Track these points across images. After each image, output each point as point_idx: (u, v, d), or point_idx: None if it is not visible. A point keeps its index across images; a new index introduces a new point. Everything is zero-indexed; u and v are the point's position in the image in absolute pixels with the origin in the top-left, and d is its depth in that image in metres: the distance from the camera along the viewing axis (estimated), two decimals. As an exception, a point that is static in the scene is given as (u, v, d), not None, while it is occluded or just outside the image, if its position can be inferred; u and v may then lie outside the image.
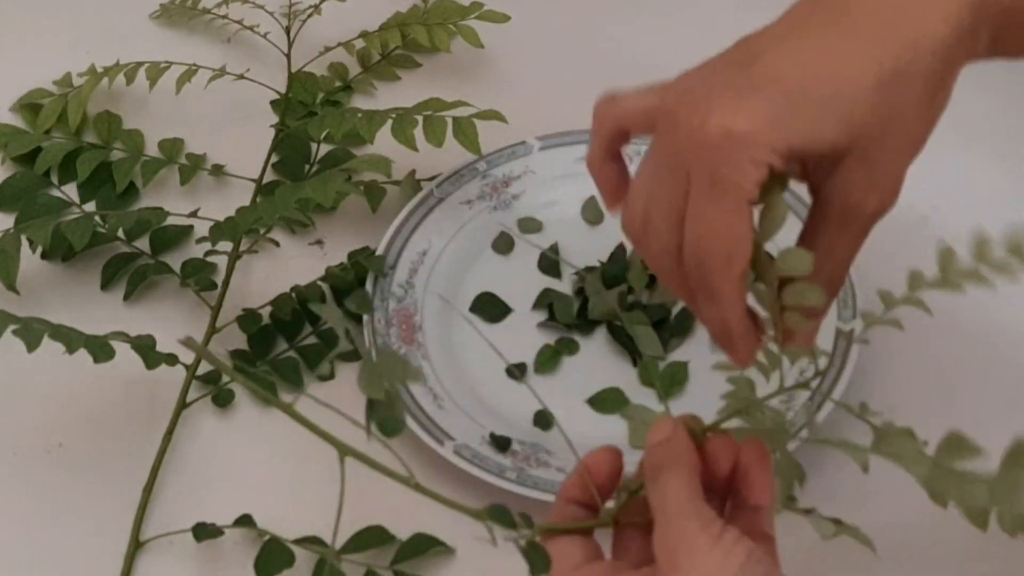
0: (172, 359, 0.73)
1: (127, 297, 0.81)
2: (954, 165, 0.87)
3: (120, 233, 0.83)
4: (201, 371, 0.76)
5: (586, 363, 0.77)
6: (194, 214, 0.81)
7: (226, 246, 0.80)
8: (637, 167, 0.54)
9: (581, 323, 0.78)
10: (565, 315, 0.78)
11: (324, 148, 0.88)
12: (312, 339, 0.78)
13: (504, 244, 0.82)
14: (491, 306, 0.79)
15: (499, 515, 0.50)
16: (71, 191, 0.87)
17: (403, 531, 0.68)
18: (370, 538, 0.68)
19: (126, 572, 0.68)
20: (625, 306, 0.77)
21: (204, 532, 0.68)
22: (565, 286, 0.80)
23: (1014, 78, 0.91)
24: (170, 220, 0.82)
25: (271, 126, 0.90)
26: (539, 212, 0.83)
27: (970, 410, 0.74)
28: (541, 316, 0.79)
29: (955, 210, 0.84)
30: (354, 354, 0.77)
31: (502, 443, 0.71)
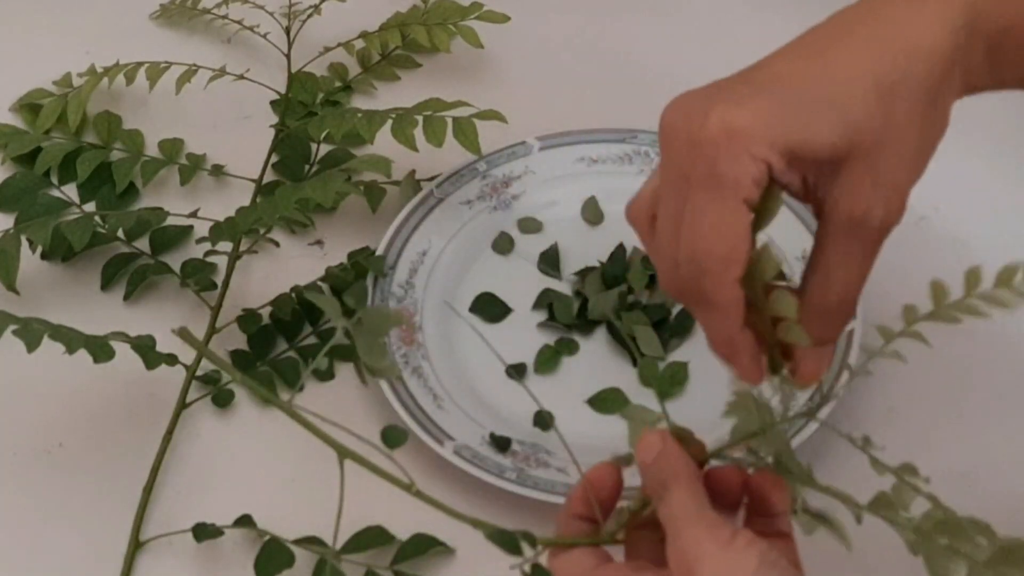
0: (172, 359, 0.73)
1: (127, 297, 0.81)
2: (953, 167, 0.86)
3: (120, 233, 0.83)
4: (201, 371, 0.76)
5: (586, 363, 0.77)
6: (194, 214, 0.81)
7: (226, 246, 0.80)
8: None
9: (581, 323, 0.78)
10: (565, 315, 0.78)
11: (324, 148, 0.88)
12: (312, 339, 0.78)
13: (504, 244, 0.82)
14: (491, 306, 0.79)
15: (501, 539, 0.50)
16: (71, 191, 0.87)
17: (403, 531, 0.68)
18: (370, 538, 0.68)
19: (126, 572, 0.68)
20: (625, 306, 0.77)
21: (204, 532, 0.68)
22: (565, 286, 0.80)
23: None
24: (170, 220, 0.82)
25: (271, 126, 0.90)
26: (539, 212, 0.83)
27: (970, 410, 0.74)
28: (541, 316, 0.79)
29: (954, 212, 0.84)
30: (353, 353, 0.77)
31: (502, 443, 0.71)
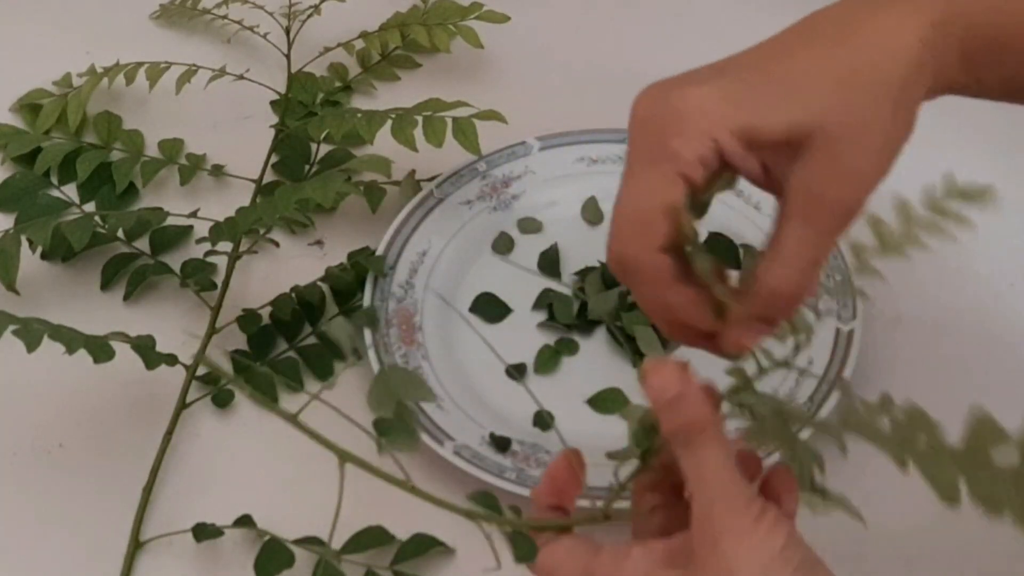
0: (172, 359, 0.73)
1: (127, 297, 0.81)
2: (953, 167, 0.87)
3: (120, 233, 0.83)
4: (201, 371, 0.76)
5: (586, 363, 0.77)
6: (194, 214, 0.81)
7: (226, 246, 0.80)
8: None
9: (581, 323, 0.78)
10: (565, 315, 0.78)
11: (324, 148, 0.88)
12: (312, 339, 0.78)
13: (504, 244, 0.82)
14: (491, 306, 0.79)
15: (485, 502, 0.50)
16: (71, 191, 0.87)
17: (403, 531, 0.68)
18: (370, 538, 0.68)
19: (126, 572, 0.68)
20: (625, 306, 0.77)
21: (204, 532, 0.68)
22: (565, 286, 0.80)
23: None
24: (170, 220, 0.82)
25: (271, 126, 0.90)
26: (539, 212, 0.83)
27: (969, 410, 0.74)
28: (541, 316, 0.79)
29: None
30: (355, 354, 0.77)
31: (502, 443, 0.71)
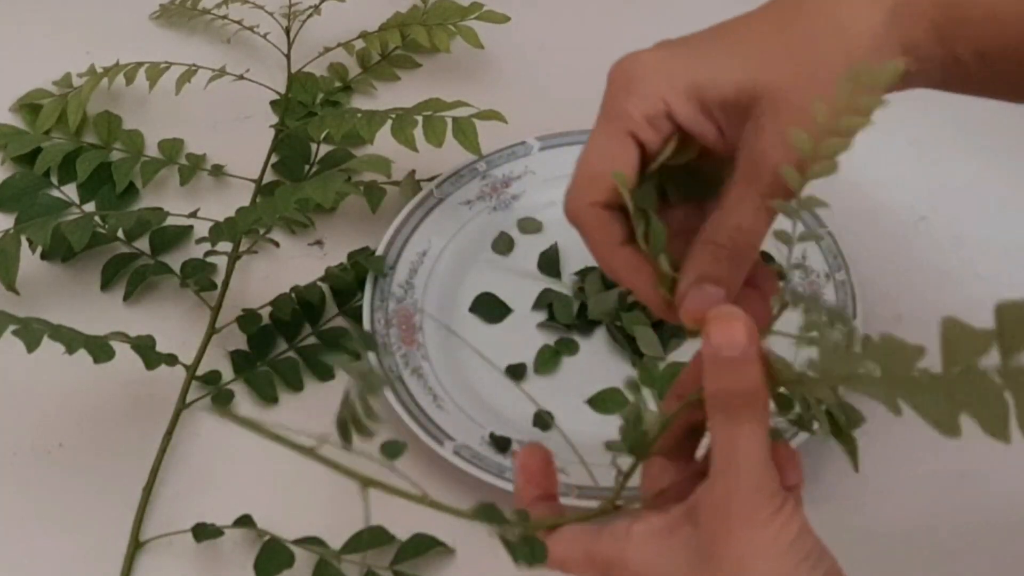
0: (172, 359, 0.73)
1: (127, 297, 0.81)
2: (952, 167, 0.87)
3: (120, 233, 0.83)
4: (201, 371, 0.76)
5: (586, 363, 0.77)
6: (194, 214, 0.81)
7: (226, 246, 0.80)
8: None
9: (581, 323, 0.78)
10: (565, 315, 0.78)
11: (324, 148, 0.88)
12: (312, 339, 0.78)
13: (504, 244, 0.83)
14: (491, 306, 0.79)
15: (488, 514, 0.50)
16: (71, 191, 0.87)
17: (403, 531, 0.68)
18: (370, 538, 0.68)
19: (126, 572, 0.68)
20: (625, 306, 0.77)
21: (204, 532, 0.68)
22: (565, 286, 0.80)
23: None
24: (170, 220, 0.82)
25: (271, 126, 0.90)
26: (539, 212, 0.83)
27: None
28: (541, 316, 0.79)
29: (954, 212, 0.84)
30: (354, 354, 0.77)
31: (502, 443, 0.71)
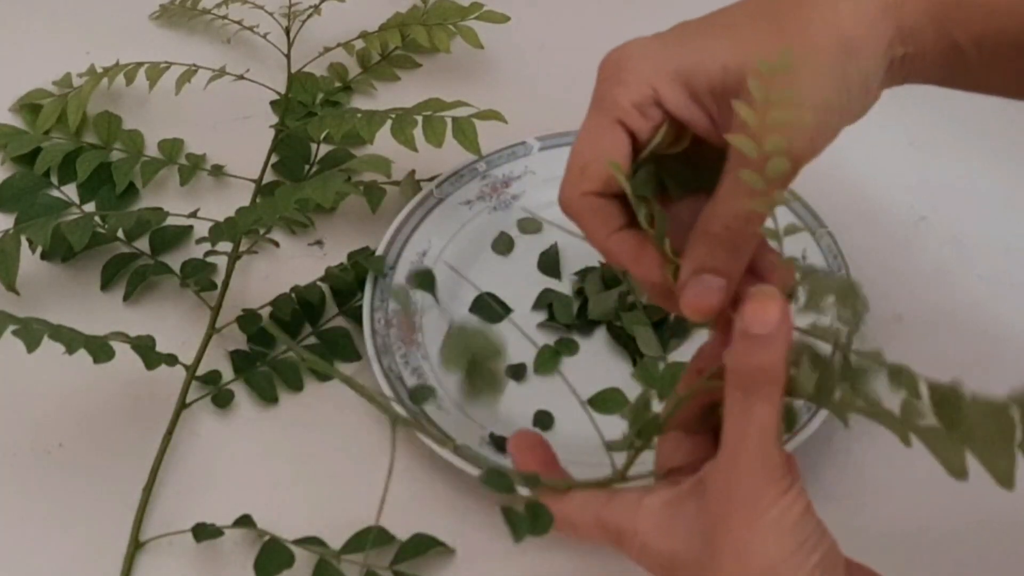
0: (172, 359, 0.73)
1: (127, 297, 0.81)
2: (953, 168, 0.87)
3: (120, 233, 0.83)
4: (201, 371, 0.76)
5: (586, 363, 0.77)
6: (194, 214, 0.81)
7: (226, 246, 0.80)
8: None
9: (581, 323, 0.78)
10: (565, 315, 0.78)
11: (324, 148, 0.88)
12: (312, 339, 0.78)
13: (504, 244, 0.83)
14: (491, 306, 0.79)
15: (496, 480, 0.50)
16: (71, 191, 0.87)
17: (403, 531, 0.68)
18: (370, 538, 0.68)
19: (126, 572, 0.68)
20: (625, 306, 0.77)
21: (204, 532, 0.68)
22: (565, 286, 0.80)
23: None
24: (170, 220, 0.82)
25: (271, 126, 0.90)
26: (539, 212, 0.83)
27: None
28: (541, 316, 0.79)
29: (954, 212, 0.84)
30: (354, 354, 0.77)
31: (502, 443, 0.71)
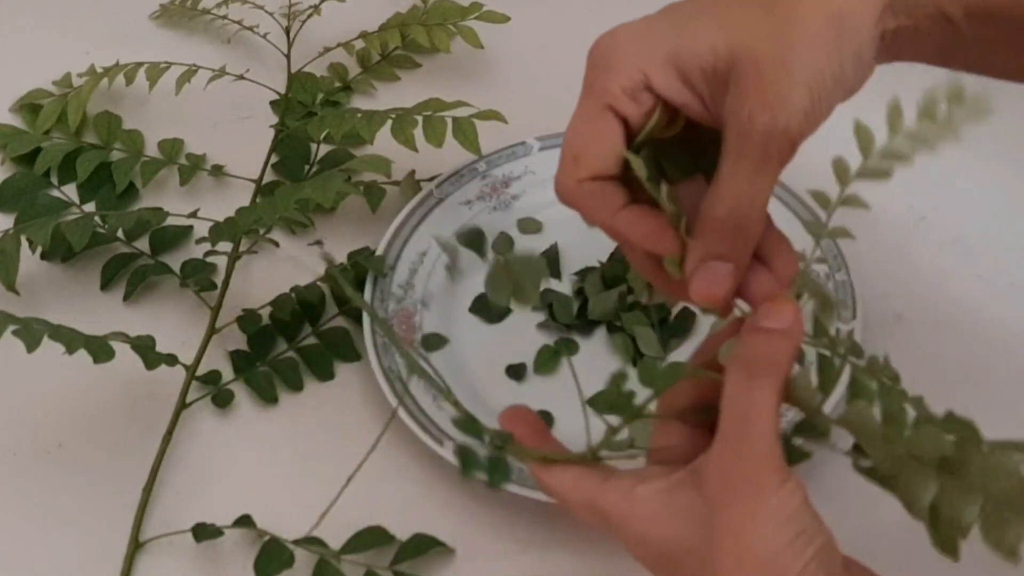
0: (172, 359, 0.73)
1: (127, 297, 0.81)
2: (953, 167, 0.87)
3: (120, 233, 0.83)
4: (201, 371, 0.76)
5: (586, 363, 0.77)
6: (194, 214, 0.81)
7: (226, 246, 0.80)
8: None
9: (581, 323, 0.78)
10: (565, 315, 0.78)
11: (324, 148, 0.88)
12: (312, 339, 0.78)
13: (504, 244, 0.82)
14: (491, 306, 0.79)
15: (468, 425, 0.51)
16: (71, 191, 0.87)
17: (403, 531, 0.68)
18: (370, 538, 0.68)
19: (126, 572, 0.68)
20: (625, 306, 0.77)
21: (204, 532, 0.68)
22: (565, 286, 0.80)
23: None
24: (170, 220, 0.82)
25: (271, 126, 0.90)
26: (539, 212, 0.83)
27: (969, 411, 0.74)
28: (541, 316, 0.79)
29: (954, 212, 0.84)
30: (354, 354, 0.77)
31: (501, 437, 0.71)
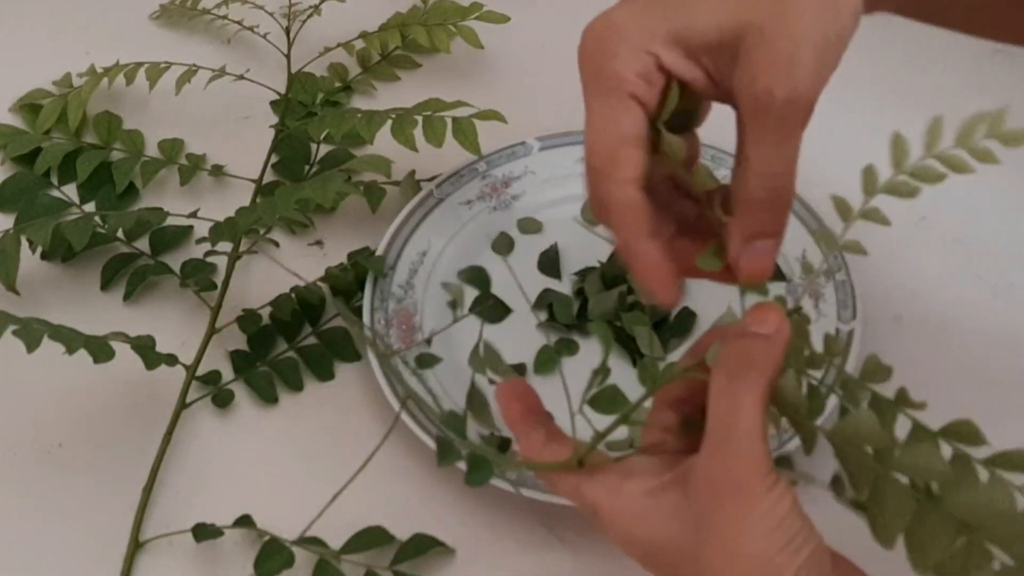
0: (172, 359, 0.73)
1: (127, 297, 0.81)
2: (954, 166, 0.87)
3: (120, 233, 0.83)
4: (201, 371, 0.76)
5: (586, 363, 0.77)
6: (194, 214, 0.81)
7: (226, 246, 0.80)
8: None
9: (581, 323, 0.78)
10: (565, 315, 0.78)
11: (324, 148, 0.88)
12: (312, 339, 0.78)
13: (504, 244, 0.83)
14: (491, 306, 0.79)
15: (450, 422, 0.51)
16: (71, 191, 0.87)
17: (403, 531, 0.68)
18: (370, 538, 0.68)
19: (126, 572, 0.68)
20: (625, 306, 0.77)
21: (204, 532, 0.68)
22: (565, 286, 0.80)
23: (1012, 81, 0.92)
24: (170, 220, 0.82)
25: (271, 126, 0.90)
26: (539, 212, 0.83)
27: (969, 411, 0.74)
28: (541, 316, 0.79)
29: (954, 212, 0.84)
30: (354, 354, 0.77)
31: (502, 443, 0.71)
